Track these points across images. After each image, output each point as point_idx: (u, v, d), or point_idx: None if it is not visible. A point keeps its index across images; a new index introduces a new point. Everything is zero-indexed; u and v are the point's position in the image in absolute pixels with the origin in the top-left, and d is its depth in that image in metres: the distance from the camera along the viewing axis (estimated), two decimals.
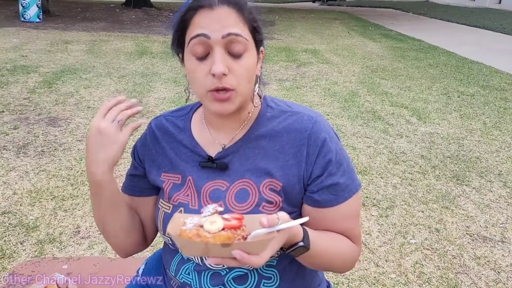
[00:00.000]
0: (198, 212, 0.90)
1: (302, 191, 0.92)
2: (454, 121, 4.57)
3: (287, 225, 0.73)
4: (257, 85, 0.94)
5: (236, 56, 0.83)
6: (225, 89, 0.83)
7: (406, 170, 3.36)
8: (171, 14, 14.31)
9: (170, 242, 0.97)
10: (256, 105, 0.95)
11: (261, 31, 0.89)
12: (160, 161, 1.00)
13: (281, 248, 0.82)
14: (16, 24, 10.11)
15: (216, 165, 0.93)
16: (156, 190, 1.03)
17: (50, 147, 3.50)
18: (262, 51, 0.92)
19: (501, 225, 2.67)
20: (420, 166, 3.45)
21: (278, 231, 0.72)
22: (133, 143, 1.08)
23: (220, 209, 0.74)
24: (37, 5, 10.51)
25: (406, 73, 6.81)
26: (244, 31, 0.83)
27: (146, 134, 1.04)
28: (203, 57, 0.83)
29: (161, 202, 0.99)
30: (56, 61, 6.56)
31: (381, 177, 3.22)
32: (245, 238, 0.71)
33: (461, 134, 4.21)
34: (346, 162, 0.93)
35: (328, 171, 0.90)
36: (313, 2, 28.33)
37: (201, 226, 0.70)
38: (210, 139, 0.96)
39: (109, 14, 13.42)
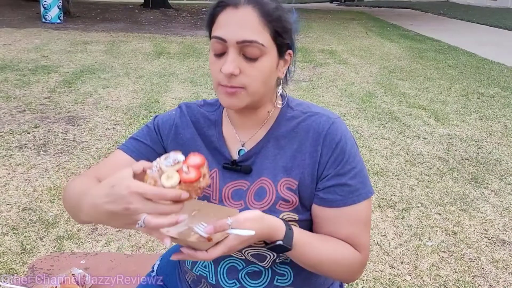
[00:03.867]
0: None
1: (313, 192, 0.92)
2: (473, 123, 4.49)
3: (236, 231, 0.76)
4: (280, 87, 0.95)
5: (251, 59, 0.84)
6: (233, 87, 0.85)
7: (423, 172, 3.32)
8: (188, 15, 14.42)
9: None
10: (278, 105, 0.96)
11: (287, 35, 0.89)
12: (187, 146, 0.99)
13: (265, 243, 0.85)
14: (37, 25, 10.33)
15: (240, 168, 0.94)
16: None
17: (69, 146, 3.57)
18: (290, 54, 0.92)
19: None
20: (438, 168, 3.40)
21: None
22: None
23: (181, 158, 0.72)
24: (58, 7, 10.72)
25: (424, 74, 6.73)
26: (262, 36, 0.84)
27: (174, 116, 1.02)
28: (220, 54, 0.86)
29: None
30: (75, 61, 6.68)
31: (397, 179, 3.19)
32: (202, 189, 0.71)
33: (480, 136, 4.14)
34: (360, 167, 0.91)
35: (337, 170, 0.90)
36: (331, 2, 28.21)
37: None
38: (233, 134, 0.97)
39: (127, 15, 13.59)
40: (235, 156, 0.96)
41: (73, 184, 0.93)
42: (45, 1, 10.53)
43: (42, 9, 10.67)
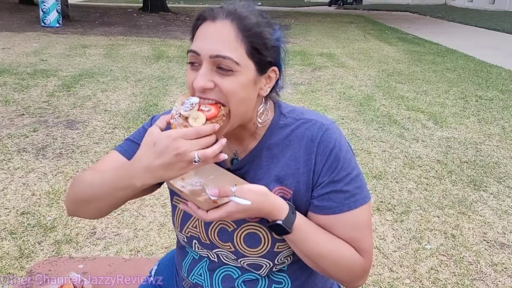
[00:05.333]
0: None
1: (309, 201, 0.91)
2: (472, 126, 4.50)
3: (235, 199, 0.79)
4: (261, 105, 0.92)
5: (225, 73, 0.81)
6: (212, 100, 0.82)
7: (422, 175, 3.33)
8: (187, 18, 14.44)
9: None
10: (262, 124, 0.92)
11: (268, 52, 0.85)
12: None
13: (267, 221, 0.86)
14: (36, 29, 10.34)
15: None
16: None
17: (68, 150, 3.57)
18: (274, 71, 0.89)
19: None
20: (436, 171, 3.41)
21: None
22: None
23: (196, 100, 0.80)
24: (57, 11, 10.74)
25: (422, 77, 6.74)
26: (236, 53, 0.81)
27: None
28: (195, 68, 0.84)
29: (177, 199, 0.99)
30: (74, 65, 6.69)
31: (396, 182, 3.19)
32: (224, 116, 0.80)
33: (479, 138, 4.14)
34: (356, 172, 0.90)
35: (331, 177, 0.88)
36: (329, 6, 28.32)
37: (186, 119, 0.78)
38: (225, 144, 0.96)
39: (126, 18, 13.62)
40: (229, 165, 0.95)
41: (84, 178, 0.94)
42: (44, 5, 10.55)
43: (41, 13, 10.69)
